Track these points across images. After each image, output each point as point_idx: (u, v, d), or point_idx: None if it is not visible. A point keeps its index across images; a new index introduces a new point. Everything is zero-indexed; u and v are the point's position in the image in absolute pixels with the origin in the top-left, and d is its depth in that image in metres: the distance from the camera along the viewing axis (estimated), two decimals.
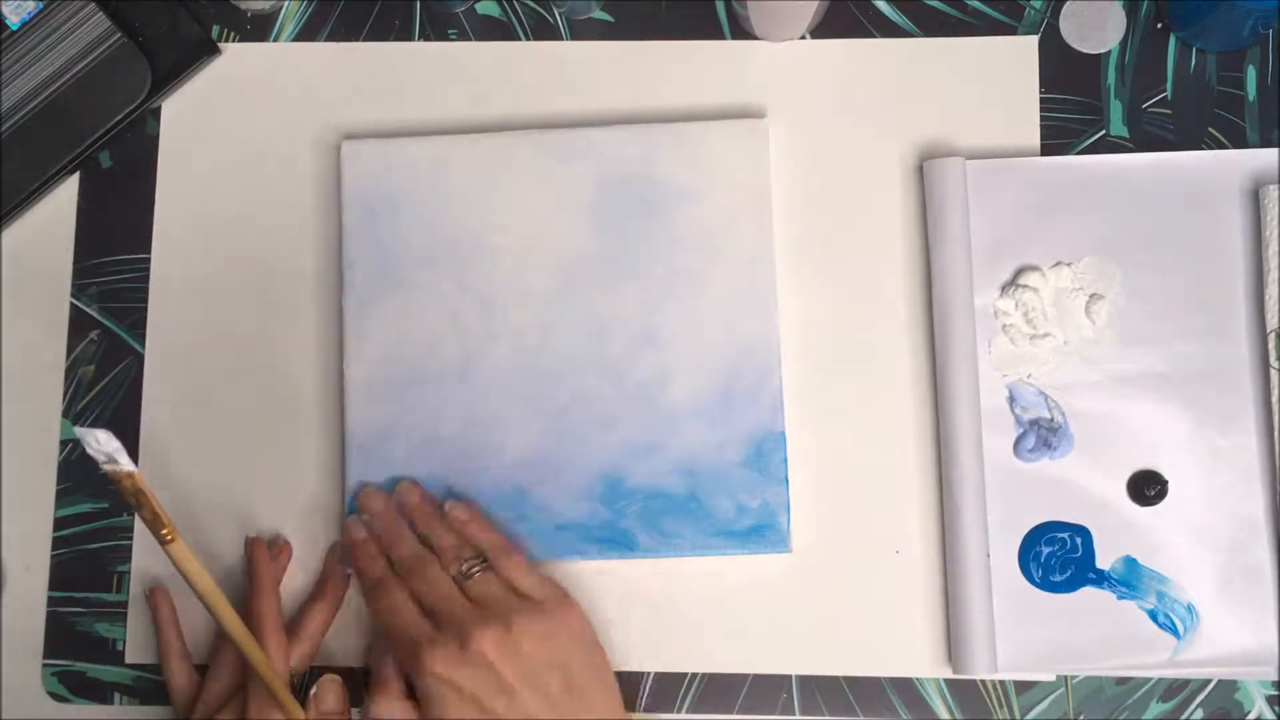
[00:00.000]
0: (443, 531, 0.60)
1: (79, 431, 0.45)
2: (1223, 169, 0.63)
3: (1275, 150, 0.63)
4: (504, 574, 0.58)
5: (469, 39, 0.67)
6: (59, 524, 0.64)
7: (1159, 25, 0.65)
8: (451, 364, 0.63)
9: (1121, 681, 0.61)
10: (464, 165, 0.64)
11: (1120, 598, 0.61)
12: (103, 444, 0.44)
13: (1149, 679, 0.61)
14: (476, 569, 0.58)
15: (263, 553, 0.61)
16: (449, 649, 0.55)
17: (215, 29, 0.67)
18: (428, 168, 0.64)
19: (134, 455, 0.64)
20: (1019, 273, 0.63)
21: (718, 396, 0.62)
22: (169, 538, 0.48)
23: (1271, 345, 0.61)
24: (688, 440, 0.62)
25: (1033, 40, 0.65)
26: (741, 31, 0.66)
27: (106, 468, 0.45)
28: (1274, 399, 0.61)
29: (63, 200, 0.66)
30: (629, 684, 0.62)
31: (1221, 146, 0.64)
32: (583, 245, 0.63)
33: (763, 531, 0.61)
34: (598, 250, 0.63)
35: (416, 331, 0.63)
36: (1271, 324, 0.61)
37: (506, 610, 0.56)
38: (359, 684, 0.62)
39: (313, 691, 0.58)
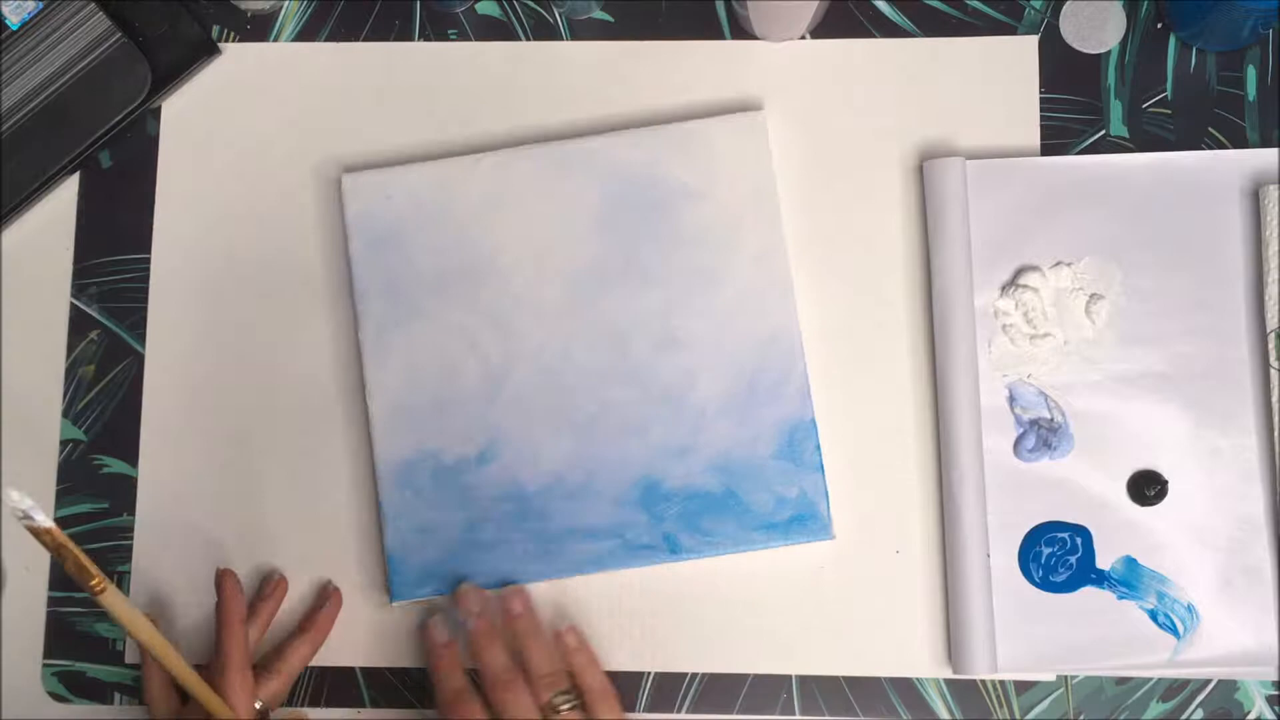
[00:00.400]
0: (542, 653, 0.58)
1: None
2: (1223, 169, 0.63)
3: (1275, 150, 0.63)
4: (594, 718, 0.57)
5: (469, 39, 0.67)
6: (59, 524, 0.64)
7: (1159, 25, 0.65)
8: (474, 387, 0.62)
9: (1121, 681, 0.61)
10: (465, 187, 0.63)
11: (1120, 598, 0.61)
12: (16, 502, 0.44)
13: (1149, 679, 0.61)
14: (567, 705, 0.57)
15: (232, 586, 0.60)
16: None
17: (215, 29, 0.67)
18: (429, 193, 0.63)
19: (134, 456, 0.64)
20: (1019, 273, 0.63)
21: (744, 391, 0.62)
22: (99, 588, 0.47)
23: (1271, 345, 0.61)
24: (719, 438, 0.61)
25: (1033, 40, 0.65)
26: (741, 31, 0.66)
27: (24, 524, 0.45)
28: (1274, 399, 0.61)
29: (63, 200, 0.66)
30: (629, 684, 0.62)
31: (1221, 146, 0.64)
32: (593, 255, 0.63)
33: (804, 520, 0.61)
34: (608, 258, 0.63)
35: (435, 358, 0.62)
36: (1271, 324, 0.61)
37: None
38: (331, 689, 0.62)
39: None
